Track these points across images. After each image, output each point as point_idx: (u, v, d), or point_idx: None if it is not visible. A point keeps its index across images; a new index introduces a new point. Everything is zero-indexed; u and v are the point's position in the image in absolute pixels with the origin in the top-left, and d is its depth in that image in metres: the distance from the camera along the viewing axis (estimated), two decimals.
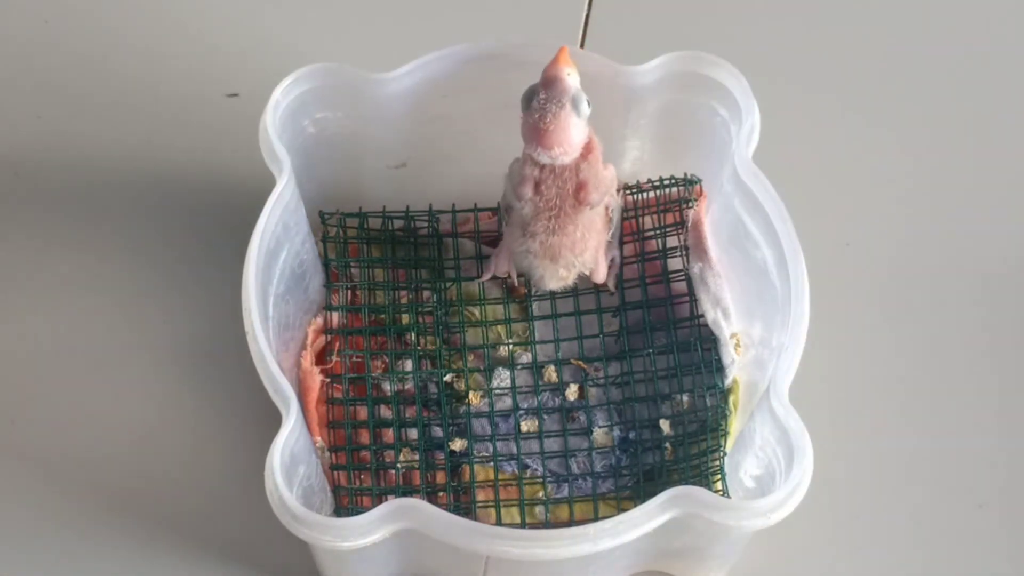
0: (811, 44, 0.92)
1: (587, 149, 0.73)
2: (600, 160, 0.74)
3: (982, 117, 0.89)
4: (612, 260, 0.79)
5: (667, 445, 0.76)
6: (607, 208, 0.76)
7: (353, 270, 0.80)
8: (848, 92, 0.90)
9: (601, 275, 0.77)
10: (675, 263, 0.80)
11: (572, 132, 0.72)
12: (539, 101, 0.71)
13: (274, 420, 0.65)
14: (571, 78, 0.72)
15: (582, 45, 0.90)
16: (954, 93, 0.90)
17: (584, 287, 0.79)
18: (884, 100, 0.90)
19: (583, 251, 0.75)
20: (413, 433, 0.76)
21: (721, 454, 0.74)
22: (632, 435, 0.76)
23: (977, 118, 0.89)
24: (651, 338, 0.78)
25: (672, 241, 0.80)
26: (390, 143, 0.77)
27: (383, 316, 0.79)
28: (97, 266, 0.83)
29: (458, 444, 0.76)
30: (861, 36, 0.92)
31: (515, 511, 0.74)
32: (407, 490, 0.74)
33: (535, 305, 0.80)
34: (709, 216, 0.79)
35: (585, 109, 0.72)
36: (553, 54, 0.72)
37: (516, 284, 0.79)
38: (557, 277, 0.76)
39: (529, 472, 0.75)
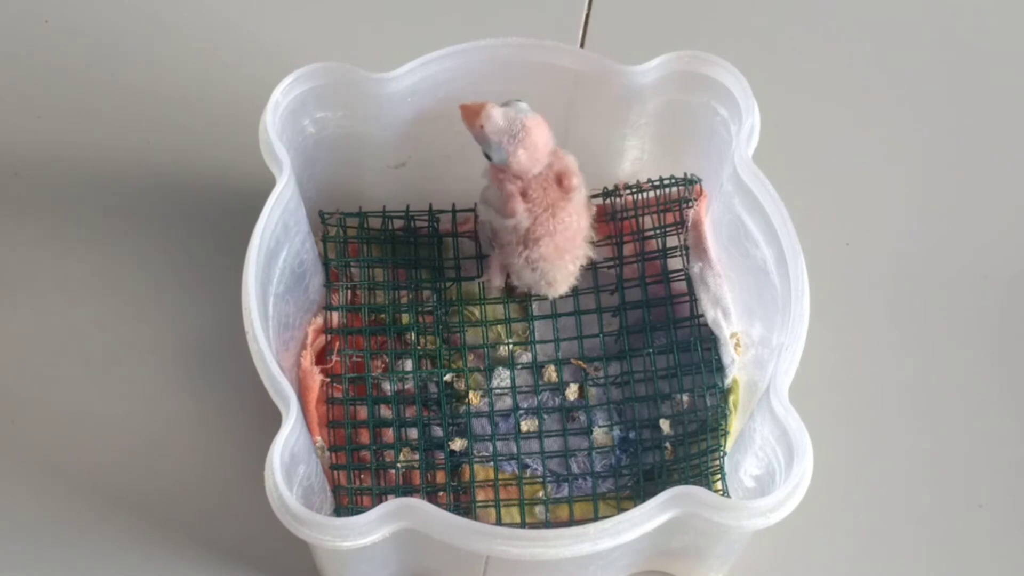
0: (811, 44, 0.92)
1: None
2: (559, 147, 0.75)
3: (982, 117, 0.89)
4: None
5: (667, 445, 0.76)
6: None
7: (353, 270, 0.80)
8: (848, 92, 0.90)
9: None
10: (675, 263, 0.80)
11: (542, 130, 0.73)
12: (502, 140, 0.73)
13: (274, 420, 0.65)
14: (490, 107, 0.73)
15: (582, 45, 0.90)
16: (954, 93, 0.90)
17: (584, 287, 0.79)
18: (884, 100, 0.90)
19: (584, 236, 0.76)
20: (413, 433, 0.76)
21: (721, 454, 0.74)
22: (632, 435, 0.76)
23: (977, 118, 0.89)
24: (651, 338, 0.78)
25: (672, 241, 0.80)
26: (390, 143, 0.77)
27: (383, 316, 0.79)
28: (97, 266, 0.82)
29: (458, 444, 0.76)
30: (861, 36, 0.92)
31: (515, 511, 0.74)
32: (407, 490, 0.74)
33: (535, 305, 0.80)
34: (709, 216, 0.79)
35: (524, 106, 0.73)
36: (553, 54, 0.73)
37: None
38: (567, 273, 0.76)
39: (529, 472, 0.75)
